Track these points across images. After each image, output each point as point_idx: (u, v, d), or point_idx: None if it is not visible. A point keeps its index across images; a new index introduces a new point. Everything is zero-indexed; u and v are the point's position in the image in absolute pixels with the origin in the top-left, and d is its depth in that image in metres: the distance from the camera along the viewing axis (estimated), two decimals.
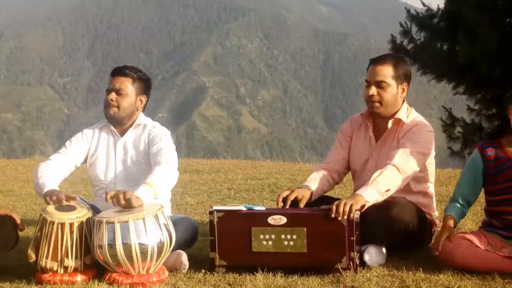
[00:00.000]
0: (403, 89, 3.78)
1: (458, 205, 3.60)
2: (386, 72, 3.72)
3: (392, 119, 3.78)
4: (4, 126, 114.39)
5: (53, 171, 3.74)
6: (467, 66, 10.48)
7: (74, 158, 3.88)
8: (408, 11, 12.02)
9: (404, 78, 3.77)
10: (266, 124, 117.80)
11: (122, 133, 3.90)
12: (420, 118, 3.82)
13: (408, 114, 3.81)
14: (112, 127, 3.91)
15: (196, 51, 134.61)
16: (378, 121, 3.86)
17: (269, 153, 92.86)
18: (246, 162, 10.49)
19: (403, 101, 3.82)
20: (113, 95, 3.82)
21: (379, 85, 3.72)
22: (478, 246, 3.38)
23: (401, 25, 11.95)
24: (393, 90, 3.74)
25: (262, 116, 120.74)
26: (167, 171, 3.60)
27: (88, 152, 3.92)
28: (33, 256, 3.37)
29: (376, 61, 3.79)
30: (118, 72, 3.86)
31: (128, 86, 3.83)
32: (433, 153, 3.80)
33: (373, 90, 3.72)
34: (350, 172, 4.07)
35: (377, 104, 3.74)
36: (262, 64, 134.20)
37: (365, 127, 3.92)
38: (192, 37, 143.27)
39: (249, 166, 9.34)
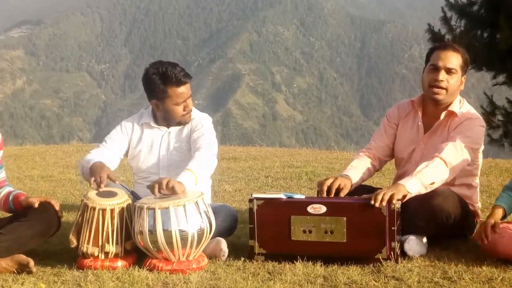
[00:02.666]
0: (462, 81, 3.70)
1: (511, 193, 3.49)
2: (457, 59, 3.63)
3: (446, 111, 3.69)
4: (43, 112, 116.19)
5: (100, 157, 3.75)
6: (508, 54, 10.25)
7: (116, 151, 3.88)
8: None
9: (465, 70, 3.69)
10: (301, 112, 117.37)
11: (168, 125, 3.90)
12: (472, 111, 3.73)
13: (460, 106, 3.72)
14: (154, 124, 3.90)
15: (232, 38, 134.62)
16: (429, 111, 3.76)
17: (304, 141, 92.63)
18: (282, 150, 10.46)
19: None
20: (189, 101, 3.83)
21: (450, 71, 3.62)
22: None
23: (442, 10, 11.71)
24: (458, 80, 3.65)
25: (297, 103, 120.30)
26: (207, 157, 3.60)
27: (129, 144, 3.93)
28: (75, 242, 3.41)
29: (446, 46, 3.68)
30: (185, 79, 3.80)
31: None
32: (482, 147, 3.72)
33: (444, 76, 3.61)
34: (389, 164, 4.00)
35: (443, 91, 3.62)
36: (298, 52, 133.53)
37: (413, 115, 3.82)
38: (228, 24, 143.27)
39: (286, 154, 9.31)
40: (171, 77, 3.70)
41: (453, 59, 3.62)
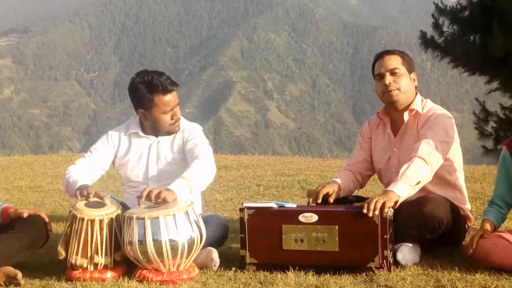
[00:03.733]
0: (414, 79, 3.77)
1: (497, 208, 3.52)
2: (396, 60, 3.73)
3: (407, 111, 3.74)
4: (31, 122, 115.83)
5: (83, 172, 3.72)
6: (502, 60, 10.28)
7: (101, 162, 3.84)
8: (436, 5, 11.83)
9: (412, 67, 3.77)
10: (294, 119, 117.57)
11: (156, 135, 3.87)
12: (436, 107, 3.78)
13: (423, 105, 3.77)
14: (142, 133, 3.87)
15: (223, 45, 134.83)
16: (394, 117, 3.83)
17: (297, 148, 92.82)
18: (274, 158, 10.45)
19: (416, 93, 3.79)
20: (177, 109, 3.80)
21: (394, 72, 3.70)
22: None
23: (433, 16, 11.76)
24: (407, 78, 3.73)
25: (290, 111, 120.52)
26: (205, 166, 3.58)
27: (115, 155, 3.89)
28: (63, 253, 3.37)
29: (382, 53, 3.82)
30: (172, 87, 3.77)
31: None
32: (457, 140, 3.73)
33: (389, 79, 3.70)
34: (375, 175, 4.02)
35: (396, 92, 3.70)
36: (290, 58, 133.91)
37: (383, 126, 3.89)
38: (218, 31, 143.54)
39: (278, 162, 9.29)
40: (157, 85, 3.68)
41: (391, 61, 3.72)
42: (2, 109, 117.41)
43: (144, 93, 3.69)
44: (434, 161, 3.52)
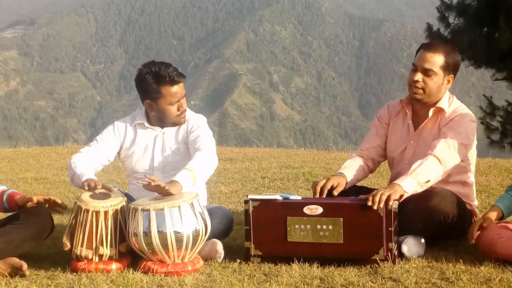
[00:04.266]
0: (449, 81, 3.67)
1: None
2: (436, 60, 3.60)
3: (434, 108, 3.68)
4: (37, 114, 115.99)
5: (87, 162, 3.73)
6: (508, 53, 10.23)
7: (106, 152, 3.84)
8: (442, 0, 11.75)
9: (452, 69, 3.66)
10: (299, 112, 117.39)
11: (162, 126, 3.87)
12: (462, 107, 3.72)
13: (450, 103, 3.70)
14: (148, 125, 3.87)
15: (229, 38, 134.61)
16: (418, 109, 3.75)
17: (302, 141, 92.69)
18: (279, 150, 10.44)
19: (446, 91, 3.71)
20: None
21: (427, 72, 3.60)
22: None
23: (438, 10, 11.70)
24: (439, 80, 3.62)
25: (295, 103, 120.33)
26: (208, 157, 3.59)
27: (121, 146, 3.89)
28: (68, 244, 3.38)
29: (428, 46, 3.66)
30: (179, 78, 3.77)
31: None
32: (475, 143, 3.70)
33: (419, 76, 3.61)
34: (386, 161, 3.99)
35: (420, 91, 3.63)
36: (296, 51, 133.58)
37: (404, 114, 3.82)
38: (224, 23, 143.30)
39: (283, 155, 9.29)
40: (165, 76, 3.68)
41: (432, 59, 3.60)
42: (8, 101, 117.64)
43: (151, 84, 3.70)
44: (448, 162, 3.48)
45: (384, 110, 3.93)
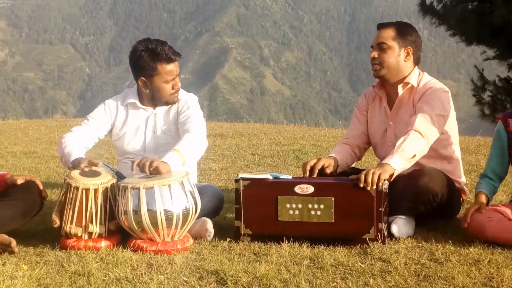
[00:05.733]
0: (408, 53, 3.71)
1: (489, 180, 3.55)
2: (387, 34, 3.69)
3: (401, 84, 3.72)
4: (26, 86, 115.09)
5: (78, 141, 3.71)
6: (500, 28, 10.20)
7: (97, 131, 3.83)
8: None
9: (408, 42, 3.71)
10: (289, 86, 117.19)
11: (154, 106, 3.83)
12: (434, 80, 3.75)
13: (420, 79, 3.74)
14: (140, 104, 3.83)
15: (219, 11, 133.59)
16: (389, 90, 3.80)
17: (292, 116, 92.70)
18: (270, 126, 10.42)
19: (414, 66, 3.74)
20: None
21: (380, 47, 3.69)
22: (510, 219, 3.29)
23: None
24: (395, 53, 3.68)
25: (285, 78, 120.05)
26: (196, 139, 3.56)
27: (112, 126, 3.86)
28: (57, 222, 3.36)
29: (380, 25, 3.78)
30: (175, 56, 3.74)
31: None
32: (453, 113, 3.73)
33: (374, 53, 3.70)
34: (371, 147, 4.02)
35: (377, 67, 3.70)
36: (287, 26, 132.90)
37: (379, 99, 3.88)
38: None
39: (273, 131, 9.27)
40: (161, 54, 3.65)
41: (382, 34, 3.70)
42: None
43: (148, 61, 3.66)
44: (430, 135, 3.51)
45: (361, 98, 4.01)
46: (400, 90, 3.72)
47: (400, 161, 3.39)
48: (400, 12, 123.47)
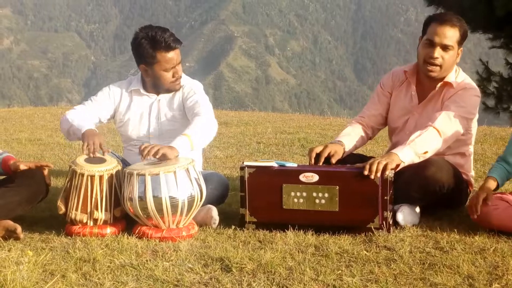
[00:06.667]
0: (459, 54, 3.63)
1: (505, 164, 3.44)
2: (455, 35, 3.54)
3: (441, 82, 3.62)
4: (31, 73, 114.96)
5: (85, 116, 3.71)
6: (505, 19, 10.14)
7: (99, 112, 3.82)
8: None
9: (462, 43, 3.60)
10: (294, 75, 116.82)
11: (157, 93, 3.82)
12: (468, 80, 3.67)
13: (456, 76, 3.65)
14: (143, 91, 3.82)
15: None
16: (424, 81, 3.69)
17: (297, 105, 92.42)
18: (274, 115, 10.41)
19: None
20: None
21: (446, 48, 3.53)
22: None
23: None
24: (454, 55, 3.58)
25: (290, 67, 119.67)
26: (207, 123, 3.55)
27: (115, 111, 3.86)
28: (63, 208, 3.37)
29: (444, 20, 3.54)
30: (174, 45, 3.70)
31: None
32: (476, 116, 3.68)
33: (438, 53, 3.53)
34: (385, 128, 3.96)
35: (437, 68, 3.56)
36: (292, 14, 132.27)
37: (407, 85, 3.76)
38: None
39: (278, 119, 9.26)
40: (161, 41, 3.62)
41: (450, 34, 3.52)
42: (2, 60, 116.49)
43: (147, 49, 3.64)
44: (448, 134, 3.46)
45: (387, 78, 3.86)
46: (438, 86, 3.63)
47: (409, 154, 3.36)
48: (406, 1, 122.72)
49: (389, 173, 3.26)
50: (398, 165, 3.33)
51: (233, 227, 3.42)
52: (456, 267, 2.76)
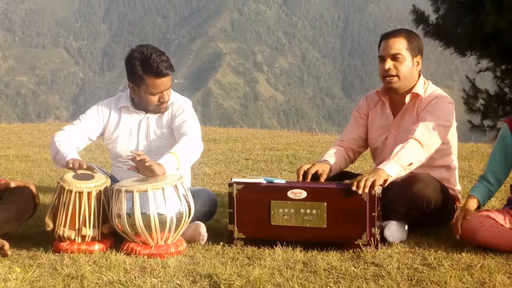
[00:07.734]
0: (418, 62, 3.70)
1: (486, 184, 3.52)
2: (400, 44, 3.64)
3: (410, 94, 3.70)
4: (19, 90, 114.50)
5: (71, 141, 3.70)
6: (492, 36, 10.25)
7: (89, 131, 3.82)
8: None
9: (417, 50, 3.69)
10: (283, 92, 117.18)
11: (146, 110, 3.82)
12: (438, 90, 3.75)
13: (425, 88, 3.73)
14: (132, 108, 3.82)
15: (213, 16, 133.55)
16: (394, 97, 3.78)
17: (285, 122, 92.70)
18: (263, 132, 10.43)
19: (419, 75, 3.74)
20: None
21: (395, 58, 3.64)
22: (502, 225, 3.32)
23: None
24: (409, 63, 3.66)
25: (279, 84, 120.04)
26: (193, 143, 3.56)
27: (104, 128, 3.85)
28: (51, 225, 3.36)
29: (389, 34, 3.72)
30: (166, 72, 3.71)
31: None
32: (454, 124, 3.74)
33: (389, 64, 3.64)
34: (368, 150, 4.01)
35: (394, 79, 3.66)
36: (280, 31, 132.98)
37: (382, 104, 3.85)
38: (209, 1, 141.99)
39: (267, 136, 9.29)
40: (152, 66, 3.60)
41: (395, 45, 3.64)
42: None
43: (138, 70, 3.63)
44: (430, 144, 3.50)
45: (362, 101, 3.97)
46: (408, 99, 3.70)
47: (395, 168, 3.39)
48: (394, 20, 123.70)
49: (377, 189, 3.29)
50: (386, 181, 3.36)
51: (221, 243, 3.42)
52: (444, 283, 2.77)
